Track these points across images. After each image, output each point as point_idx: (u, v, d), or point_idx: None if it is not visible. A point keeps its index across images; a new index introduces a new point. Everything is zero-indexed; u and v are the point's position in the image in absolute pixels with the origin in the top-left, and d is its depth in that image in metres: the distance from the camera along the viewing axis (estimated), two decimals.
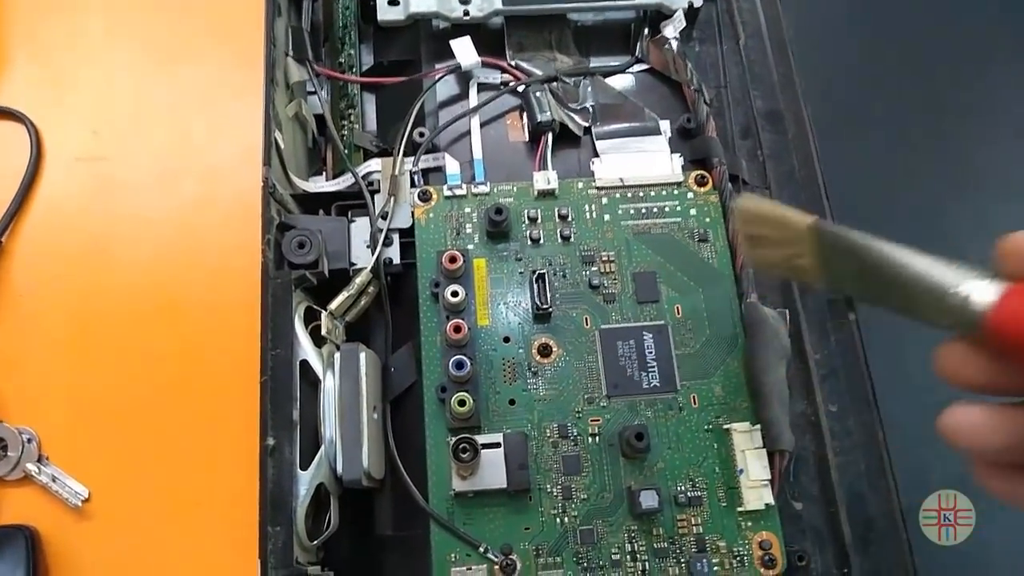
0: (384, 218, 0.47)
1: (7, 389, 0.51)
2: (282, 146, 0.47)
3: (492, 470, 0.42)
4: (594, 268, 0.47)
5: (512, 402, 0.44)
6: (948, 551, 0.43)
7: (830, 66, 0.55)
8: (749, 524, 0.42)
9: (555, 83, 0.52)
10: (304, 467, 0.41)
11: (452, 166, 0.49)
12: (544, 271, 0.45)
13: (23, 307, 0.53)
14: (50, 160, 0.57)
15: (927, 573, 0.43)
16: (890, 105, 0.56)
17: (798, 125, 0.52)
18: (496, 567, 0.41)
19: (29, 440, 0.49)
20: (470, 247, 0.47)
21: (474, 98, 0.51)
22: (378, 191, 0.48)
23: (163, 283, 0.53)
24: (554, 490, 0.43)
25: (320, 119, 0.55)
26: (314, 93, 0.54)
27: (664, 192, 0.48)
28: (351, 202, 0.49)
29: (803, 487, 0.45)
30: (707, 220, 0.48)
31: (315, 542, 0.42)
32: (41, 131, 0.57)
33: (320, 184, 0.51)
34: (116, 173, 0.56)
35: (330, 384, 0.43)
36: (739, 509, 0.42)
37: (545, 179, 0.48)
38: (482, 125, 0.51)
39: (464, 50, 0.51)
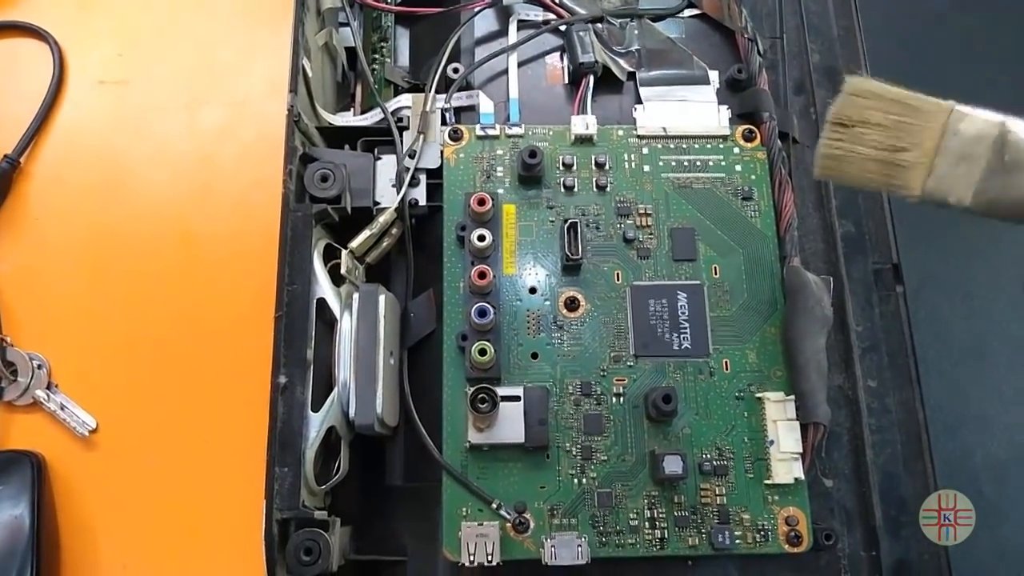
0: (412, 156, 0.45)
1: (19, 313, 0.50)
2: (310, 74, 0.45)
3: (510, 424, 0.40)
4: (629, 221, 0.44)
5: (535, 355, 0.42)
6: (983, 541, 0.40)
7: (897, 21, 0.51)
8: (776, 498, 0.40)
9: (600, 24, 0.49)
10: (316, 409, 0.40)
11: (486, 105, 0.47)
12: (576, 220, 0.43)
13: (39, 230, 0.52)
14: (73, 81, 0.56)
15: (960, 562, 0.41)
16: (964, 66, 0.52)
17: None
18: (508, 525, 0.39)
19: (39, 366, 0.48)
20: (500, 191, 0.44)
21: (513, 35, 0.49)
22: (407, 128, 0.46)
23: (181, 212, 0.52)
24: (573, 449, 0.41)
25: (351, 52, 0.52)
26: (346, 24, 0.51)
27: (709, 145, 0.46)
28: (378, 138, 0.46)
29: (835, 464, 0.43)
30: (752, 177, 0.45)
31: (323, 487, 0.40)
32: (65, 50, 0.56)
33: (347, 118, 0.49)
34: (139, 98, 0.55)
35: (347, 325, 0.42)
36: (766, 482, 0.40)
37: (584, 124, 0.45)
38: (520, 64, 0.48)
39: None
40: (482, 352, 0.40)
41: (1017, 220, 0.33)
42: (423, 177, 0.45)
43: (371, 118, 0.48)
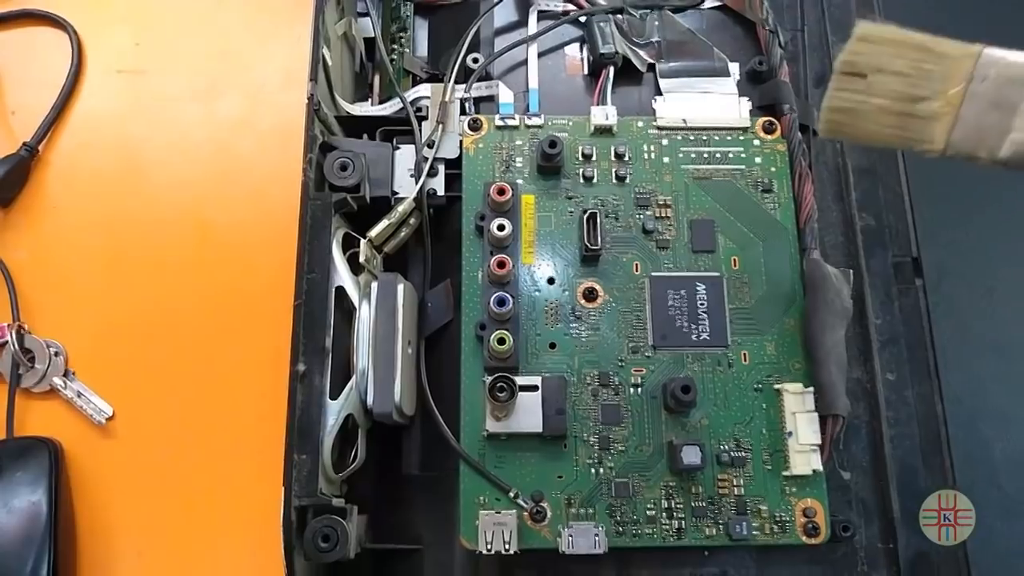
0: (430, 147, 0.45)
1: (37, 300, 0.50)
2: (330, 63, 0.45)
3: (528, 413, 0.40)
4: (648, 212, 0.44)
5: (552, 346, 0.42)
6: (1002, 534, 0.40)
7: (918, 15, 0.51)
8: (794, 490, 0.40)
9: (620, 15, 0.49)
10: (334, 397, 0.40)
11: (505, 95, 0.47)
12: (595, 211, 0.43)
13: (57, 218, 0.52)
14: (91, 70, 0.56)
15: (978, 555, 0.41)
16: None
17: None
18: (525, 514, 0.39)
19: (56, 354, 0.49)
20: (519, 181, 0.44)
21: (533, 26, 0.49)
22: (426, 118, 0.46)
23: (198, 202, 0.52)
24: (591, 439, 0.41)
25: (369, 43, 0.52)
26: (365, 14, 0.52)
27: (729, 137, 0.46)
28: (397, 128, 0.46)
29: (853, 456, 0.43)
30: (772, 169, 0.45)
31: (340, 475, 0.40)
32: (83, 39, 0.56)
33: (366, 108, 0.49)
34: (156, 87, 0.55)
35: (365, 313, 0.42)
36: (784, 473, 0.40)
37: (603, 114, 0.45)
38: (540, 55, 0.48)
39: None
40: (501, 341, 0.40)
41: None
42: (441, 167, 0.45)
43: (390, 108, 0.48)
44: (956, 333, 0.45)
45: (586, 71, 0.48)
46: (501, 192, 0.43)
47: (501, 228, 0.42)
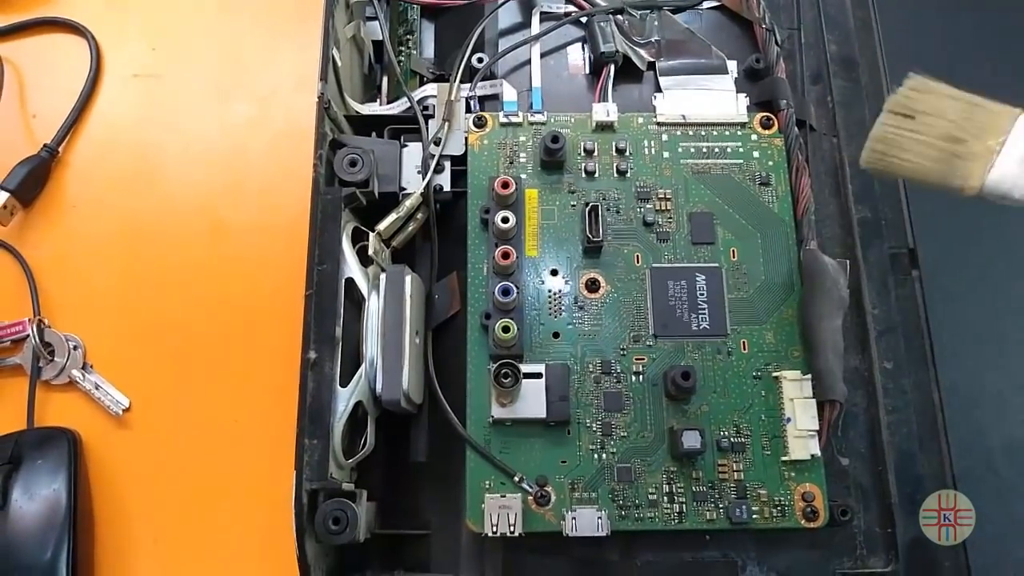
0: (437, 144, 0.46)
1: (57, 296, 0.52)
2: (339, 64, 0.47)
3: (532, 400, 0.41)
4: (649, 205, 0.45)
5: (556, 335, 0.43)
6: (998, 519, 0.41)
7: (913, 13, 0.52)
8: (793, 475, 0.41)
9: (621, 15, 0.50)
10: (344, 384, 0.41)
11: (509, 94, 0.48)
12: (597, 204, 0.44)
13: (76, 217, 0.54)
14: (108, 75, 0.58)
15: (975, 539, 0.41)
16: (979, 58, 0.53)
17: (872, 73, 0.50)
18: (530, 498, 0.40)
19: (75, 347, 0.50)
20: (523, 176, 0.46)
21: (536, 26, 0.50)
22: (432, 116, 0.47)
23: (212, 200, 0.54)
24: (594, 425, 0.42)
25: (377, 46, 0.54)
26: (374, 18, 0.53)
27: (727, 132, 0.47)
28: (404, 126, 0.48)
29: (851, 443, 0.44)
30: (770, 163, 0.46)
31: (351, 461, 0.42)
32: (101, 45, 0.58)
33: (374, 107, 0.50)
34: (171, 91, 0.57)
35: (374, 304, 0.43)
36: (783, 458, 0.41)
37: (605, 111, 0.46)
38: (543, 55, 0.50)
39: None
40: (505, 329, 0.41)
41: None
42: (448, 164, 0.47)
43: (398, 107, 0.49)
44: (952, 322, 0.46)
45: (587, 70, 0.50)
46: (505, 185, 0.44)
47: (505, 220, 0.43)
